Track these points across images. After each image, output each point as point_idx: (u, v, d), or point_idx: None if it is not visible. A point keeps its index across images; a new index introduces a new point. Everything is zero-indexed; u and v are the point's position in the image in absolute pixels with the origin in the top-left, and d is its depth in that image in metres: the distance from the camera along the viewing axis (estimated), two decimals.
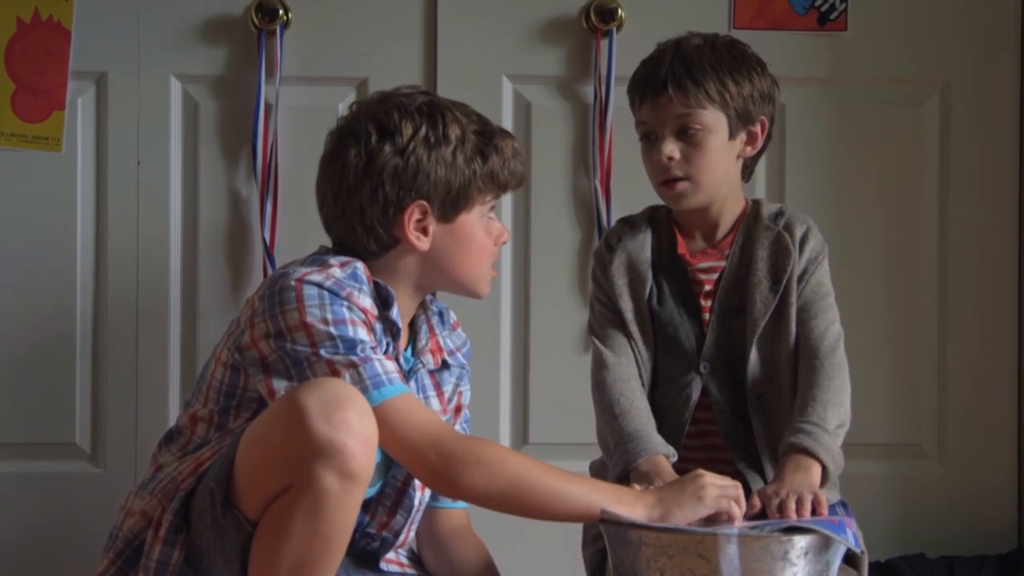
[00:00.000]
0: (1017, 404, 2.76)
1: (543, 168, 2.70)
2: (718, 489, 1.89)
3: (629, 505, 1.88)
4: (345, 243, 2.02)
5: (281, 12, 2.64)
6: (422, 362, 2.06)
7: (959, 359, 2.75)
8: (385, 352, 1.96)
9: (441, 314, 2.14)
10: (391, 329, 1.98)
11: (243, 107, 2.66)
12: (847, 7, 2.72)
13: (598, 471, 2.17)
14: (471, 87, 2.68)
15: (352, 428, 1.75)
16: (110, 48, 2.65)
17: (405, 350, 2.07)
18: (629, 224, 2.21)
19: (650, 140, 2.12)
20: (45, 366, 2.67)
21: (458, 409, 2.15)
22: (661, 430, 2.08)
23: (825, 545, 1.85)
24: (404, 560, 2.12)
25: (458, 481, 1.86)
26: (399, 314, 1.99)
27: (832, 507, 1.96)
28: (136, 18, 2.65)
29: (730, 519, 1.88)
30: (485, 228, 2.04)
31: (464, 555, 2.14)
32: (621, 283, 2.15)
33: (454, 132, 2.00)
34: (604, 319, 2.17)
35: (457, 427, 2.14)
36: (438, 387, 2.09)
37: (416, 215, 1.98)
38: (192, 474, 1.90)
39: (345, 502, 1.78)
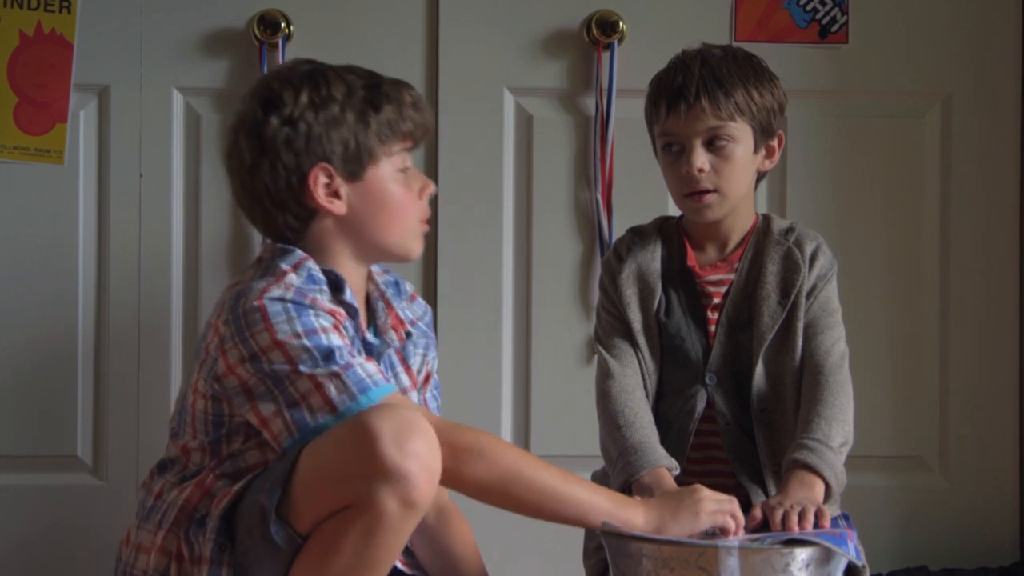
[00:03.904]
0: (1019, 416, 2.76)
1: (544, 180, 2.70)
2: (715, 504, 1.89)
3: (626, 511, 1.88)
4: (269, 230, 1.99)
5: (283, 25, 2.65)
6: (387, 341, 2.04)
7: (961, 371, 2.75)
8: (369, 354, 1.95)
9: (397, 284, 2.11)
10: (349, 312, 1.95)
11: None
12: (848, 20, 2.72)
13: (600, 481, 2.17)
14: (473, 99, 2.69)
15: (421, 458, 1.75)
16: (112, 61, 2.66)
17: (368, 326, 2.04)
18: (639, 234, 2.21)
19: (673, 151, 2.12)
20: (47, 378, 2.67)
21: (427, 378, 2.12)
22: (664, 441, 2.08)
23: (826, 558, 1.85)
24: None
25: (462, 470, 1.84)
26: (352, 295, 1.97)
27: (834, 519, 1.96)
28: (138, 31, 2.66)
29: (725, 534, 1.88)
30: (402, 182, 2.01)
31: (454, 540, 2.11)
32: (630, 293, 2.15)
33: (338, 90, 1.96)
34: (611, 328, 2.17)
35: (428, 395, 2.12)
36: (404, 362, 2.06)
37: (322, 179, 1.95)
38: (202, 499, 1.89)
39: (400, 529, 1.78)
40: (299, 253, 1.95)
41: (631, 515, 1.89)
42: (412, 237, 2.02)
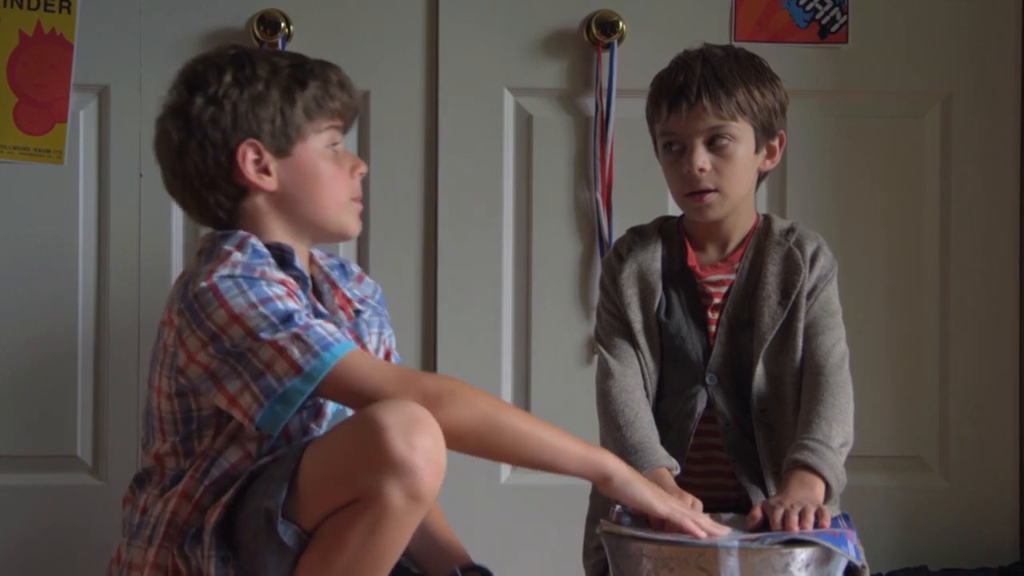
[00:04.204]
0: (1019, 416, 2.76)
1: (544, 180, 2.71)
2: (678, 504, 1.91)
3: (597, 453, 1.90)
4: (203, 214, 1.99)
5: (283, 25, 2.65)
6: (336, 321, 2.02)
7: (961, 371, 2.75)
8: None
9: (343, 266, 2.11)
10: (300, 282, 1.95)
11: None
12: (848, 20, 2.72)
13: None
14: (473, 99, 2.69)
15: (428, 452, 1.75)
16: (112, 61, 2.66)
17: None
18: (640, 234, 2.21)
19: (674, 151, 2.12)
20: (47, 378, 2.67)
21: (387, 356, 2.12)
22: (665, 441, 2.08)
23: (826, 558, 1.85)
24: None
25: (438, 415, 1.80)
26: (302, 264, 1.97)
27: (834, 519, 1.96)
28: (138, 31, 2.66)
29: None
30: (331, 159, 2.00)
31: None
32: (631, 293, 2.15)
33: (263, 69, 1.97)
34: (611, 328, 2.17)
35: None
36: (359, 340, 2.05)
37: (251, 155, 1.95)
38: (192, 512, 1.88)
39: (406, 523, 1.78)
40: (241, 233, 1.95)
41: (602, 456, 1.90)
42: (345, 212, 2.02)
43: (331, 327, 1.88)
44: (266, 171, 1.96)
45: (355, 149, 2.70)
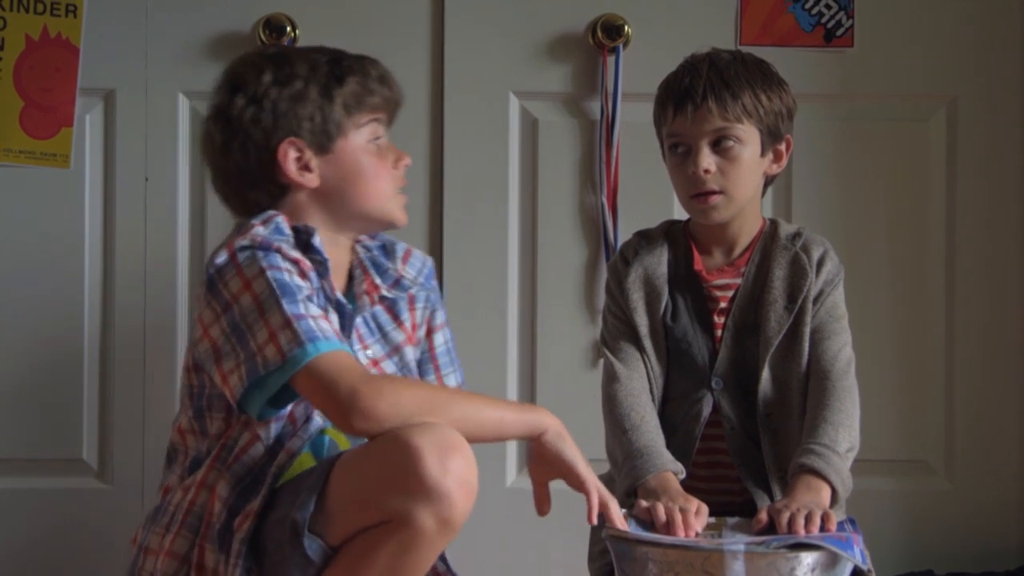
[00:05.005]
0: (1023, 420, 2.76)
1: (550, 184, 2.71)
2: (596, 480, 1.92)
3: (534, 413, 1.92)
4: (246, 212, 2.01)
5: (289, 29, 2.65)
6: (360, 306, 2.03)
7: (966, 374, 2.75)
8: (341, 313, 1.96)
9: (384, 247, 2.11)
10: (318, 265, 1.95)
11: None
12: (853, 23, 2.72)
13: (607, 484, 2.17)
14: (478, 103, 2.69)
15: (460, 477, 1.76)
16: (118, 65, 2.66)
17: (346, 294, 2.04)
18: (646, 238, 2.21)
19: (680, 152, 2.12)
20: (53, 382, 2.67)
21: (431, 332, 2.13)
22: (670, 445, 2.08)
23: (832, 562, 1.85)
24: None
25: (380, 403, 1.79)
26: (321, 244, 1.97)
27: (840, 524, 1.96)
28: (144, 35, 2.66)
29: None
30: (374, 153, 2.02)
31: None
32: (637, 297, 2.16)
33: (302, 67, 1.99)
34: (617, 332, 2.17)
35: (442, 348, 2.14)
36: (396, 318, 2.07)
37: (292, 153, 1.97)
38: (213, 503, 1.88)
39: (436, 546, 1.79)
40: (271, 212, 1.97)
41: (538, 415, 1.91)
42: (391, 203, 2.04)
43: (325, 324, 1.87)
44: (308, 168, 1.99)
45: None
